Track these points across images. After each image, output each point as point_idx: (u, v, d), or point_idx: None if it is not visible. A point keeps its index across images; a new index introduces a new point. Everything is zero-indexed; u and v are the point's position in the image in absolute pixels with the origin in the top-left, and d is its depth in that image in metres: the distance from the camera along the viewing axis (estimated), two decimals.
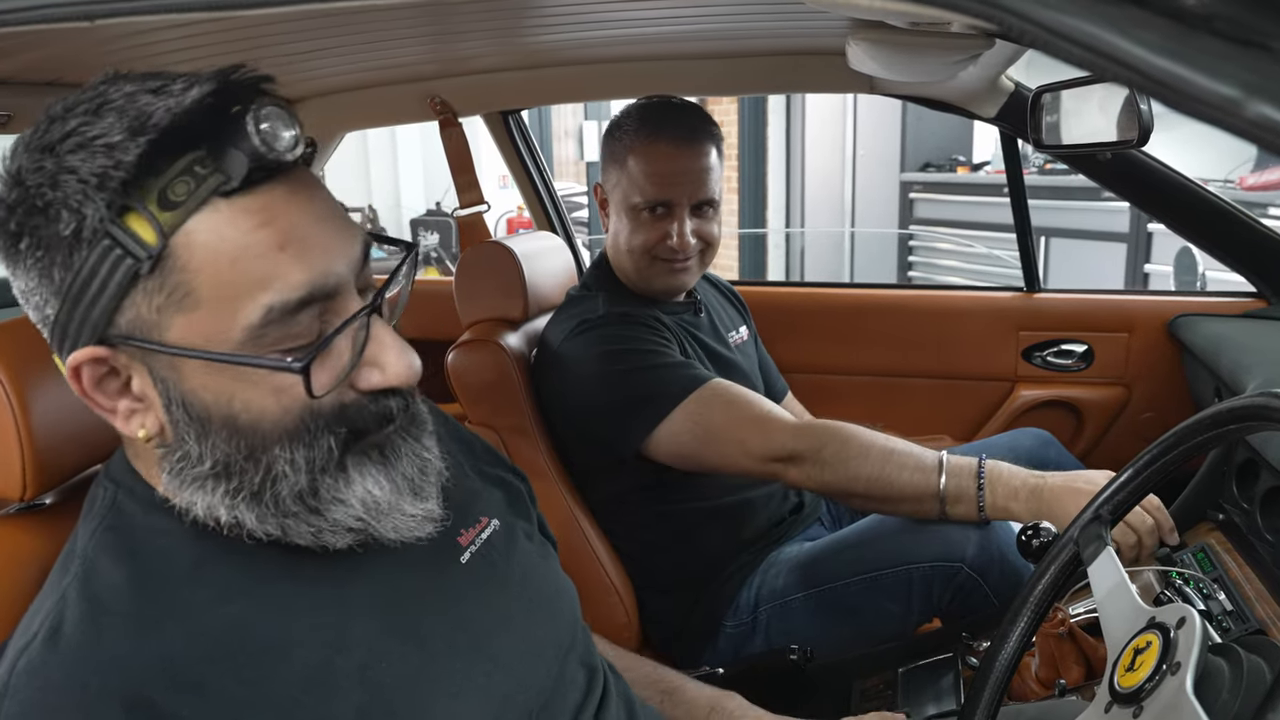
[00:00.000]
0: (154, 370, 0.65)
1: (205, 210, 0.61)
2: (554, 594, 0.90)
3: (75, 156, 0.59)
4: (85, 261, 0.60)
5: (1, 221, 0.62)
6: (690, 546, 1.56)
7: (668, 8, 1.47)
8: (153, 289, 0.62)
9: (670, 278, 1.56)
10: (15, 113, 1.40)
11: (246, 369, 0.64)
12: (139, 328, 0.63)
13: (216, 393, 0.65)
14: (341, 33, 1.45)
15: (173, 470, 0.67)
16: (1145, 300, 2.02)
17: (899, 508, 1.37)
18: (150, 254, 0.60)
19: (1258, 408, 0.70)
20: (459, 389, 1.61)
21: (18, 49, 1.19)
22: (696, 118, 1.54)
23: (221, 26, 1.22)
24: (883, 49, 1.25)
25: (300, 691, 0.65)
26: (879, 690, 1.30)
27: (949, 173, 6.45)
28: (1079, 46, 0.40)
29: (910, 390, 2.14)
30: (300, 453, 0.66)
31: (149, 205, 0.60)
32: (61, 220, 0.60)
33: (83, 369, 0.64)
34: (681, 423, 1.41)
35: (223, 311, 0.62)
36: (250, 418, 0.65)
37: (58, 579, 0.68)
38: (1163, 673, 0.67)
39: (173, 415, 0.66)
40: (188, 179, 0.60)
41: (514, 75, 1.90)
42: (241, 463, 0.66)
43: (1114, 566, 0.81)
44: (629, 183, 1.52)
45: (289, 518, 0.68)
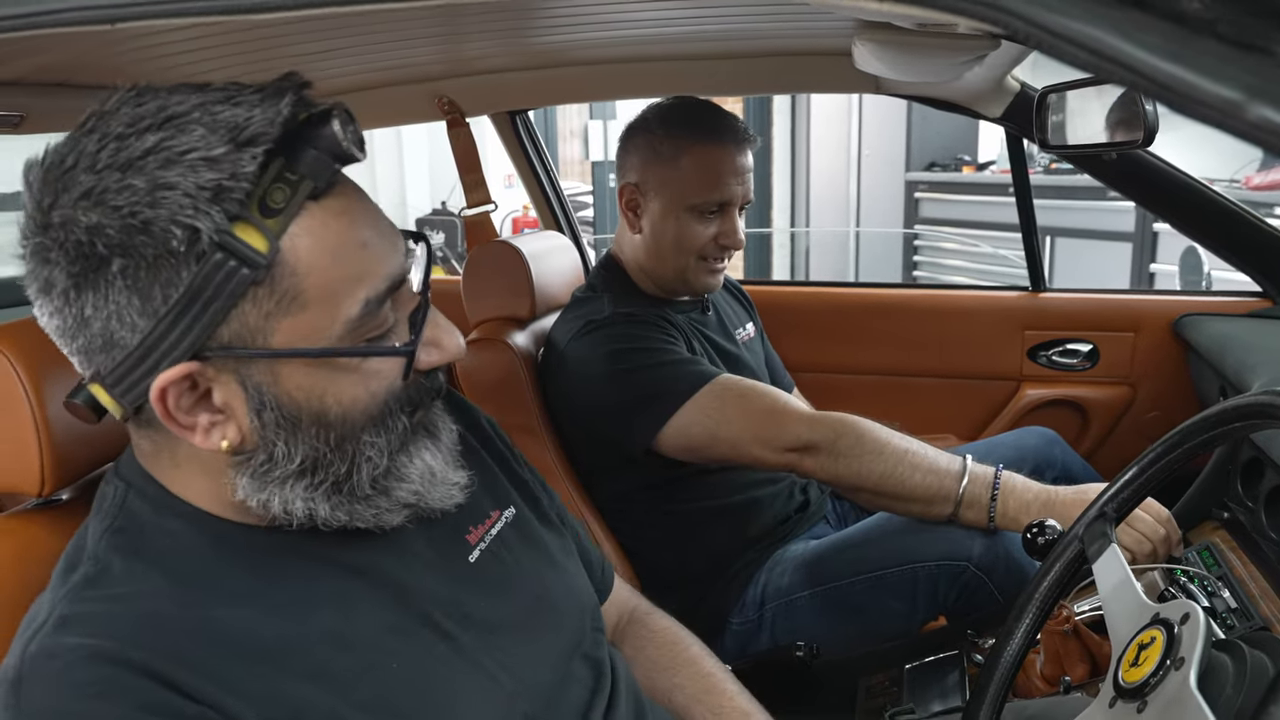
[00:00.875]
0: (246, 378, 0.65)
1: (302, 215, 0.63)
2: (564, 592, 0.89)
3: (171, 172, 0.59)
4: (197, 275, 0.61)
5: (80, 247, 0.60)
6: (696, 544, 1.57)
7: (674, 9, 1.47)
8: (263, 296, 0.63)
9: (710, 277, 1.59)
10: (28, 113, 1.41)
11: (344, 361, 0.67)
12: (242, 337, 0.64)
13: (309, 390, 0.67)
14: (352, 34, 1.46)
15: (255, 474, 0.68)
16: (1150, 300, 2.02)
17: (908, 508, 1.38)
18: (265, 262, 0.61)
19: (1260, 406, 0.71)
20: (466, 388, 1.61)
21: (30, 51, 1.20)
22: (738, 119, 1.58)
23: (232, 28, 1.23)
24: (889, 50, 1.25)
25: (309, 688, 0.66)
26: (885, 687, 1.30)
27: (954, 172, 6.45)
28: (1083, 50, 0.41)
29: (916, 389, 2.14)
30: (382, 436, 0.70)
31: (254, 214, 0.61)
32: (172, 236, 0.59)
33: (169, 390, 0.63)
34: (693, 416, 1.42)
35: (327, 309, 0.65)
36: (341, 410, 0.68)
37: (63, 575, 0.68)
38: (1167, 668, 0.68)
39: (263, 420, 0.66)
40: (283, 186, 0.62)
41: (521, 75, 1.91)
42: (329, 455, 0.69)
43: (1119, 563, 0.82)
44: (684, 182, 1.53)
45: (359, 503, 0.71)
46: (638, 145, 1.58)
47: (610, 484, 1.59)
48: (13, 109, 1.37)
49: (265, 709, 0.63)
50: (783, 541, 1.59)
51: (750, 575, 1.54)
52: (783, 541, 1.59)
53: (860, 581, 1.42)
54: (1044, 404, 2.03)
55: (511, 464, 0.97)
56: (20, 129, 1.43)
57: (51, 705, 0.59)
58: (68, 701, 0.59)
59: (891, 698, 1.27)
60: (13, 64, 1.25)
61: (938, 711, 1.19)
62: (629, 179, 1.59)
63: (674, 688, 1.00)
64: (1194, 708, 0.62)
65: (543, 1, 1.38)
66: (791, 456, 1.38)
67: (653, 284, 1.61)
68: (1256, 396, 0.73)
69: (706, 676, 1.01)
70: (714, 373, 1.45)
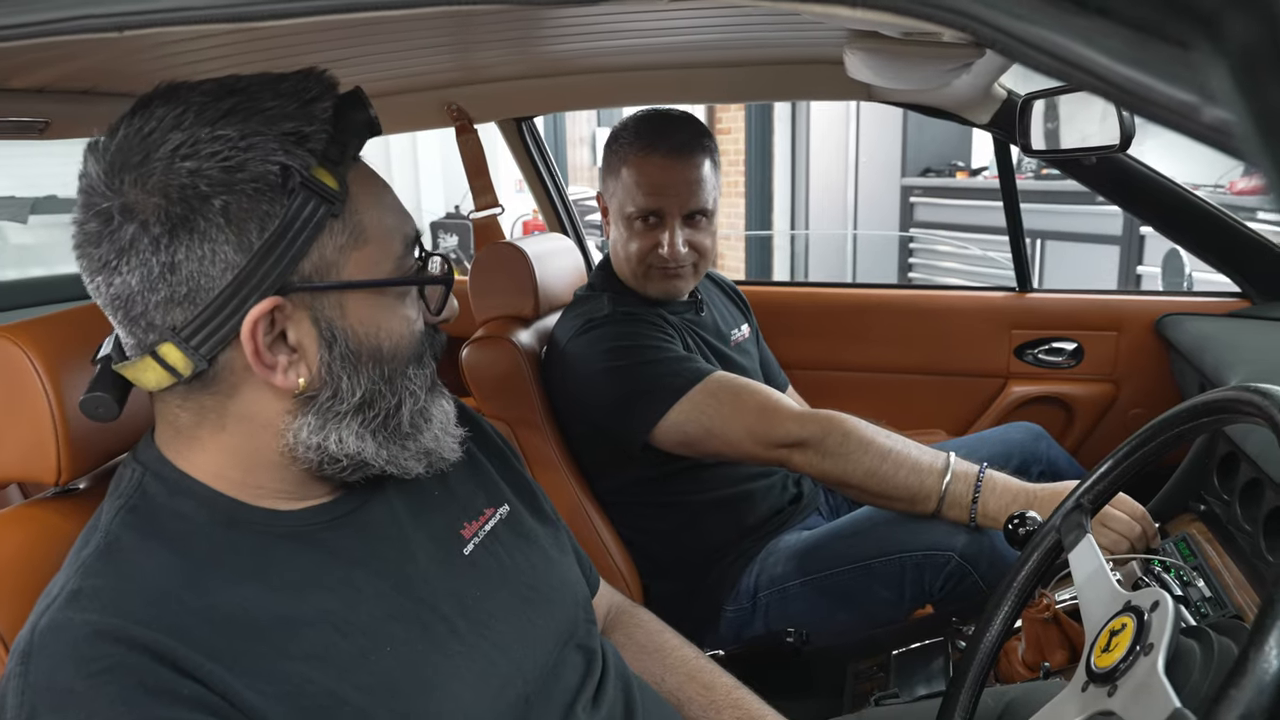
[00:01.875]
0: (319, 313, 0.70)
1: (356, 169, 0.71)
2: (558, 584, 0.90)
3: (255, 122, 0.65)
4: (289, 209, 0.66)
5: (183, 190, 0.64)
6: (693, 535, 1.57)
7: (674, 20, 1.47)
8: (338, 230, 0.69)
9: (665, 284, 1.57)
10: (53, 120, 1.42)
11: (394, 296, 0.73)
12: (320, 269, 0.69)
13: (368, 325, 0.72)
14: (364, 42, 1.46)
15: (319, 411, 0.71)
16: (1134, 300, 2.02)
17: (892, 504, 1.37)
18: (340, 198, 0.68)
19: (1227, 401, 0.71)
20: (472, 383, 1.62)
21: (54, 59, 1.20)
22: (689, 131, 1.53)
23: (248, 37, 1.23)
24: (878, 58, 1.25)
25: (308, 668, 0.66)
26: (873, 672, 1.30)
27: (948, 178, 6.44)
28: (1046, 55, 0.41)
29: (907, 386, 2.14)
30: (419, 374, 0.76)
31: (325, 160, 0.68)
32: (269, 173, 0.65)
33: (259, 325, 0.67)
34: (687, 412, 1.42)
35: (382, 244, 0.72)
36: (392, 344, 0.73)
37: (78, 551, 0.69)
38: (1136, 653, 0.68)
39: (331, 354, 0.71)
40: (339, 146, 0.69)
41: (528, 83, 1.91)
42: (383, 389, 0.73)
43: (1093, 553, 0.82)
44: (624, 192, 1.53)
45: (396, 444, 0.75)
46: (604, 159, 1.61)
47: (610, 477, 1.59)
48: (38, 115, 1.38)
49: (264, 685, 0.64)
50: (776, 532, 1.60)
51: (745, 564, 1.55)
52: (776, 532, 1.60)
53: (850, 571, 1.42)
54: (1030, 400, 2.03)
55: (507, 463, 0.98)
56: (45, 135, 1.44)
57: (55, 680, 0.60)
58: (71, 678, 0.60)
59: (879, 683, 1.27)
60: (38, 72, 1.26)
61: (922, 695, 1.19)
62: (601, 190, 1.63)
63: (665, 669, 1.02)
64: (1161, 692, 0.62)
65: (548, 12, 1.39)
66: (781, 452, 1.38)
67: (631, 287, 1.61)
68: (1224, 392, 0.72)
69: (695, 659, 1.03)
70: (708, 370, 1.45)
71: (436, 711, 0.71)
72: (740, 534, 1.57)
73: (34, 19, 0.52)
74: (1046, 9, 0.39)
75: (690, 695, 0.99)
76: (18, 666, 0.61)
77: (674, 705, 0.97)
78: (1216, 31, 0.23)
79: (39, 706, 0.59)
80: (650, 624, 1.08)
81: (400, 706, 0.69)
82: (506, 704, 0.76)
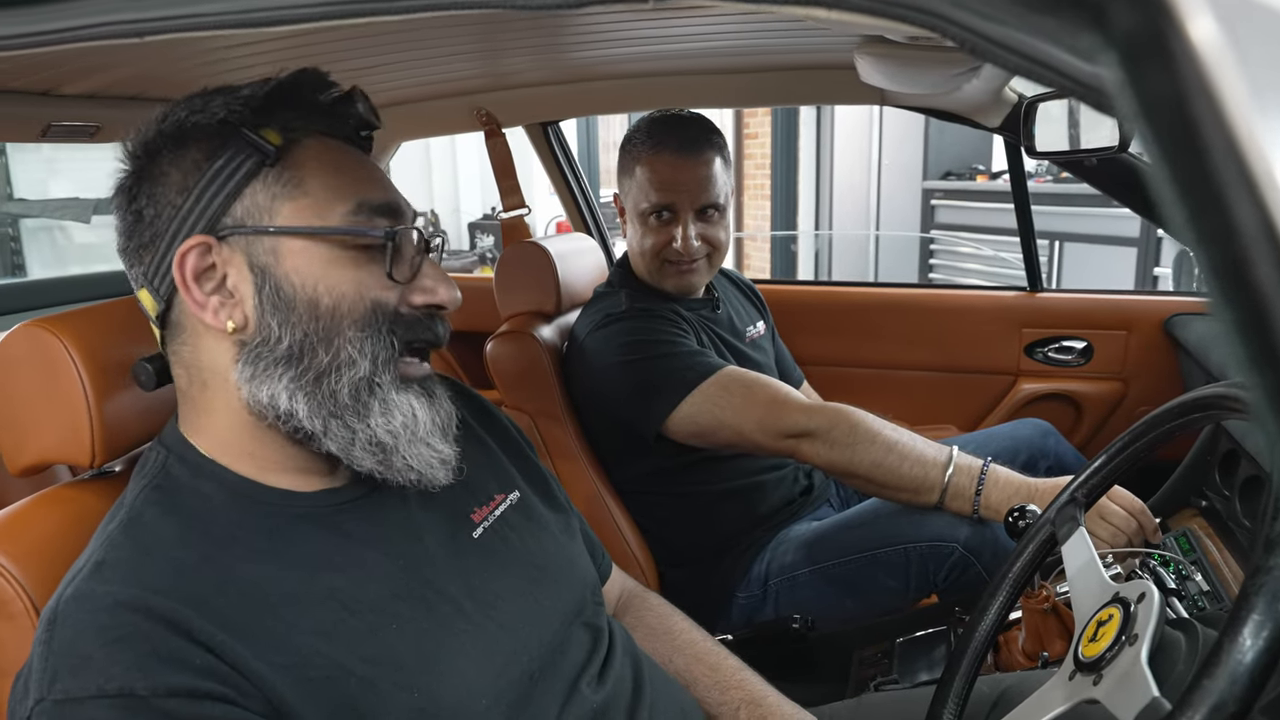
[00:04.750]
0: (254, 258, 0.71)
1: (315, 138, 0.74)
2: (565, 565, 0.90)
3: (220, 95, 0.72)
4: (221, 155, 0.71)
5: (146, 145, 0.72)
6: (707, 524, 1.57)
7: (694, 27, 1.47)
8: (271, 180, 0.71)
9: (679, 279, 1.57)
10: (104, 124, 1.44)
11: (339, 252, 0.72)
12: (251, 214, 0.71)
13: (305, 276, 0.71)
14: (397, 49, 1.47)
15: (248, 358, 0.71)
16: (1143, 300, 1.97)
17: (897, 495, 1.36)
18: (274, 151, 0.71)
19: (1218, 398, 0.69)
20: (496, 376, 1.62)
21: (103, 66, 1.22)
22: (698, 128, 1.54)
23: (284, 45, 1.25)
24: (887, 62, 1.23)
25: (317, 641, 0.67)
26: (876, 659, 1.29)
27: (969, 181, 6.36)
28: (1016, 55, 0.40)
29: (918, 383, 2.12)
30: (367, 342, 0.72)
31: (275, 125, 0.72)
32: (210, 127, 0.71)
33: (189, 256, 0.70)
34: (700, 404, 1.41)
35: (325, 200, 0.72)
36: (331, 301, 0.71)
37: (104, 526, 0.71)
38: (1121, 643, 0.66)
39: (263, 299, 0.71)
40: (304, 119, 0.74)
41: (554, 89, 1.91)
42: (315, 344, 0.71)
43: (1085, 546, 0.80)
44: (638, 190, 1.53)
45: (335, 416, 0.72)
46: (619, 161, 1.61)
47: (627, 467, 1.59)
48: (89, 120, 1.41)
49: (273, 656, 0.64)
50: (787, 522, 1.59)
51: (756, 553, 1.54)
52: (787, 522, 1.59)
53: (857, 560, 1.41)
54: (1039, 397, 1.99)
55: (521, 452, 0.98)
56: (96, 139, 1.46)
57: (76, 646, 0.61)
58: (89, 644, 0.61)
59: (882, 669, 1.26)
60: (88, 79, 1.28)
61: (923, 681, 1.18)
62: (616, 191, 1.63)
63: (674, 650, 1.02)
64: (1142, 681, 0.61)
65: (572, 20, 1.39)
66: (790, 443, 1.37)
67: (648, 283, 1.61)
68: (1215, 389, 0.71)
69: (702, 641, 1.03)
70: (721, 364, 1.45)
71: (441, 686, 0.71)
72: (753, 523, 1.57)
73: (54, 27, 0.53)
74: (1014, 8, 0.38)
75: (697, 675, 0.99)
76: (44, 633, 0.63)
77: (682, 684, 0.97)
78: (1103, 21, 0.23)
79: (60, 670, 0.60)
80: (660, 607, 1.08)
81: (405, 680, 0.69)
82: (510, 680, 0.76)
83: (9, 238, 4.94)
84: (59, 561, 0.74)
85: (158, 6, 0.54)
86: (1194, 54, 0.19)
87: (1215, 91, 0.18)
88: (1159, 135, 0.21)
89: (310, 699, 0.65)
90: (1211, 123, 0.18)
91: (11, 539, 0.76)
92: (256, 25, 0.54)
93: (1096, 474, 0.86)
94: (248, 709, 0.62)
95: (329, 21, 0.57)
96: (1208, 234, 0.21)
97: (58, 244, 5.12)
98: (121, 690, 0.59)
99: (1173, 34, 0.19)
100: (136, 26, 0.55)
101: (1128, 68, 0.22)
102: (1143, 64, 0.21)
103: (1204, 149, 0.19)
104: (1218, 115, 0.18)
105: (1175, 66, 0.19)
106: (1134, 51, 0.21)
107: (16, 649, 0.73)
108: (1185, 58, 0.19)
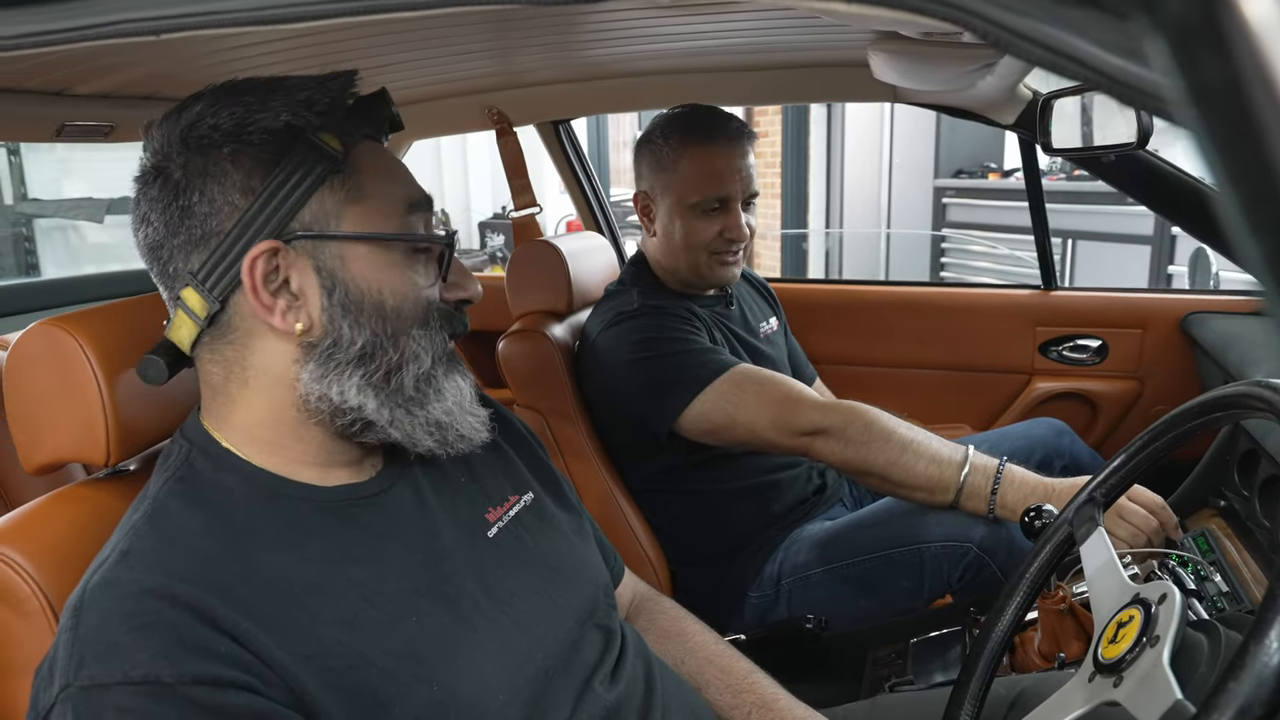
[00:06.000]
0: (321, 262, 0.72)
1: (364, 143, 0.76)
2: (579, 565, 0.90)
3: (277, 93, 0.72)
4: (290, 160, 0.71)
5: (200, 140, 0.71)
6: (720, 523, 1.56)
7: (705, 24, 1.46)
8: (337, 186, 0.73)
9: (725, 270, 1.57)
10: (118, 124, 1.45)
11: (400, 256, 0.75)
12: (318, 220, 0.72)
13: (370, 280, 0.73)
14: (408, 48, 1.47)
15: (320, 358, 0.73)
16: (1159, 298, 1.96)
17: (912, 494, 1.35)
18: (341, 157, 0.72)
19: (1239, 397, 0.68)
20: (508, 374, 1.62)
21: (117, 66, 1.23)
22: (736, 120, 1.56)
23: (297, 43, 1.25)
24: (901, 59, 1.22)
25: (338, 632, 0.67)
26: (891, 659, 1.28)
27: (980, 179, 6.33)
28: (1040, 47, 0.39)
29: (932, 381, 2.11)
30: (426, 339, 0.76)
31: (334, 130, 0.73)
32: (276, 127, 0.71)
33: (258, 261, 0.70)
34: (712, 401, 1.41)
35: (382, 203, 0.74)
36: (395, 303, 0.74)
37: (128, 517, 0.72)
38: (1142, 645, 0.66)
39: (332, 302, 0.72)
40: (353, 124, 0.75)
41: (564, 88, 1.91)
42: (385, 343, 0.74)
43: (1104, 546, 0.80)
44: (684, 184, 1.53)
45: (400, 407, 0.75)
46: (644, 156, 1.60)
47: (640, 465, 1.59)
48: (103, 120, 1.41)
49: (296, 645, 0.65)
50: (800, 521, 1.58)
51: (769, 552, 1.53)
52: (800, 521, 1.58)
53: (871, 560, 1.40)
54: (1054, 396, 1.98)
55: (534, 454, 0.98)
56: (110, 138, 1.47)
57: (102, 632, 0.62)
58: (115, 631, 0.61)
59: (897, 669, 1.25)
60: (102, 78, 1.28)
61: (938, 682, 1.17)
62: (640, 187, 1.61)
63: (685, 652, 1.02)
64: (1164, 683, 0.60)
65: (584, 18, 1.38)
66: (804, 440, 1.36)
67: (675, 280, 1.61)
68: (1236, 387, 0.70)
69: (714, 644, 1.03)
70: (734, 361, 1.44)
71: (459, 680, 0.71)
72: (765, 523, 1.56)
73: (71, 24, 0.53)
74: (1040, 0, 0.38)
75: (709, 678, 0.99)
76: (69, 620, 0.63)
77: (693, 686, 0.97)
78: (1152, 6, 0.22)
79: (87, 656, 0.61)
80: (672, 610, 1.09)
81: (424, 673, 0.69)
82: (526, 678, 0.76)
83: (23, 237, 4.98)
84: (74, 559, 0.74)
85: (174, 4, 0.54)
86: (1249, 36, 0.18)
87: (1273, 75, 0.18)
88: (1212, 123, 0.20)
89: (332, 688, 0.65)
90: (1269, 108, 0.18)
91: (27, 537, 0.76)
92: (274, 22, 0.54)
93: (1115, 474, 0.85)
94: (270, 698, 0.63)
95: (347, 18, 0.57)
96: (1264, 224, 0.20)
97: (71, 244, 5.16)
98: (147, 678, 0.60)
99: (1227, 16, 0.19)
100: (153, 24, 0.55)
101: (1178, 53, 0.21)
102: (1194, 49, 0.20)
103: (1260, 135, 0.18)
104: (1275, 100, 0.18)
105: (1229, 50, 0.19)
106: (1185, 36, 0.20)
107: (32, 645, 0.73)
108: (1240, 40, 0.18)
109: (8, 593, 0.73)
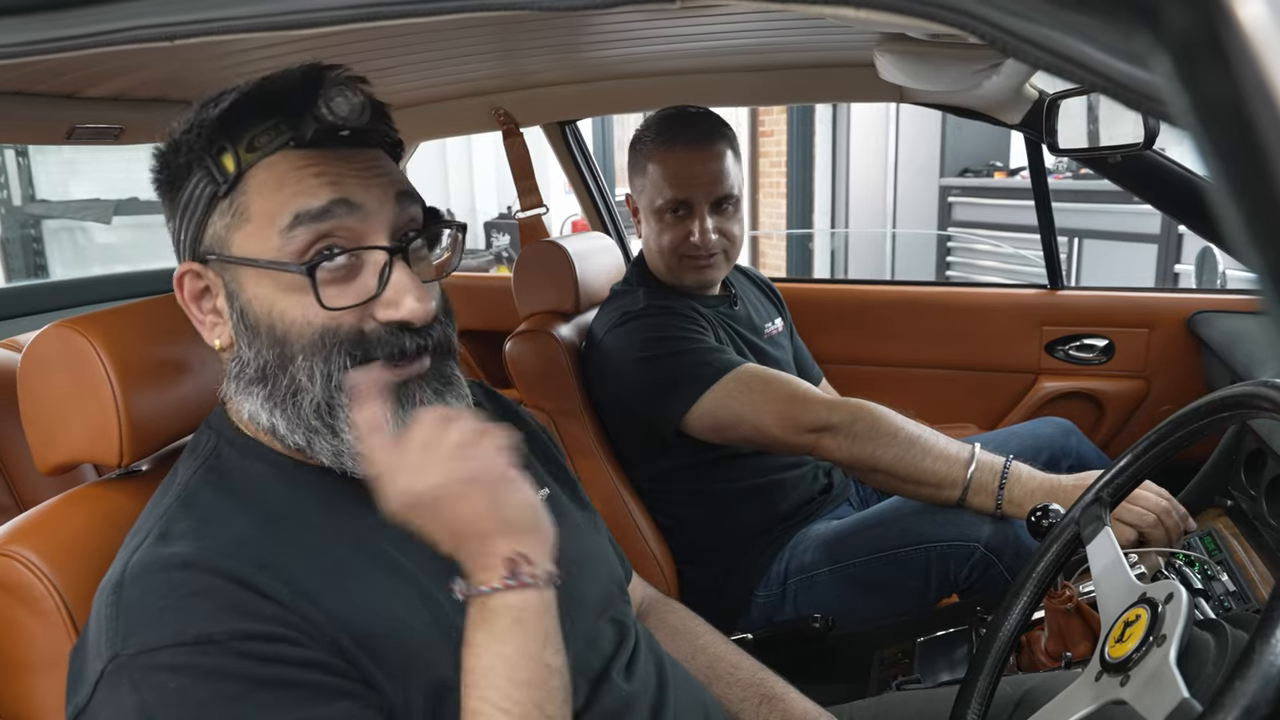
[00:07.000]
0: (227, 283, 0.73)
1: (276, 155, 0.71)
2: (595, 559, 0.92)
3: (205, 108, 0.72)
4: (190, 185, 0.72)
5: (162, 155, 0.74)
6: (727, 522, 1.56)
7: (711, 25, 1.46)
8: (225, 209, 0.71)
9: (698, 274, 1.56)
10: (127, 126, 1.46)
11: (278, 275, 0.70)
12: (215, 243, 0.72)
13: (262, 302, 0.72)
14: (416, 50, 1.48)
15: (232, 375, 0.75)
16: (1166, 297, 1.96)
17: (918, 491, 1.35)
18: (227, 179, 0.71)
19: (1246, 396, 0.68)
20: (515, 375, 1.63)
21: (127, 69, 1.24)
22: (708, 123, 1.53)
23: (305, 46, 1.26)
24: (907, 59, 1.23)
25: (376, 600, 0.69)
26: (897, 658, 1.29)
27: (986, 178, 6.31)
28: (1045, 52, 0.39)
29: (939, 381, 2.11)
30: (319, 366, 0.71)
31: (239, 149, 0.70)
32: (183, 159, 0.72)
33: (184, 279, 0.74)
34: (719, 399, 1.41)
35: (263, 225, 0.70)
36: (284, 327, 0.71)
37: (157, 501, 0.73)
38: (1149, 644, 0.66)
39: (235, 324, 0.73)
40: (270, 133, 0.70)
41: (570, 89, 1.92)
42: (275, 370, 0.72)
43: (1111, 545, 0.80)
44: (652, 187, 1.53)
45: (313, 432, 0.72)
46: (629, 160, 1.60)
47: (647, 464, 1.59)
48: (113, 122, 1.42)
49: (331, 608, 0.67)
50: (807, 521, 1.58)
51: (776, 552, 1.54)
52: (807, 521, 1.58)
53: (877, 559, 1.41)
54: (1060, 396, 1.98)
55: (548, 452, 0.99)
56: (120, 140, 1.48)
57: (148, 601, 0.63)
58: (164, 599, 0.63)
59: (903, 668, 1.25)
60: (112, 81, 1.29)
61: (945, 681, 1.17)
62: (629, 191, 1.62)
63: (695, 650, 1.03)
64: (1171, 683, 0.60)
65: (589, 20, 1.39)
66: (811, 437, 1.37)
67: (666, 280, 1.61)
68: (1243, 387, 0.70)
69: (722, 643, 1.04)
70: (739, 360, 1.45)
71: None
72: (772, 522, 1.56)
73: (86, 31, 0.54)
74: (1047, 6, 0.38)
75: (719, 673, 1.01)
76: (109, 597, 0.65)
77: (702, 681, 0.98)
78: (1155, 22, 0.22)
79: (135, 625, 0.62)
80: (681, 611, 1.10)
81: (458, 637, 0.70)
82: None
83: (31, 239, 5.00)
84: (88, 559, 0.75)
85: (188, 10, 0.54)
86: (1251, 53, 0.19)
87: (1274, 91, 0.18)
88: (1214, 136, 0.21)
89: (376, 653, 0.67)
90: (1269, 123, 0.18)
91: (42, 537, 0.77)
92: (287, 28, 0.55)
93: (1122, 473, 0.85)
94: (320, 652, 0.65)
95: (360, 24, 0.57)
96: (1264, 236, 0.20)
97: (79, 245, 5.18)
98: (199, 638, 0.61)
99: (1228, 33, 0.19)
100: (167, 30, 0.55)
101: (1181, 69, 0.21)
102: (1197, 65, 0.21)
103: (1261, 149, 0.19)
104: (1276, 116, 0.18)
105: (1231, 66, 0.19)
106: (1188, 52, 0.21)
107: (47, 644, 0.74)
108: (1242, 57, 0.19)
109: (23, 592, 0.74)
